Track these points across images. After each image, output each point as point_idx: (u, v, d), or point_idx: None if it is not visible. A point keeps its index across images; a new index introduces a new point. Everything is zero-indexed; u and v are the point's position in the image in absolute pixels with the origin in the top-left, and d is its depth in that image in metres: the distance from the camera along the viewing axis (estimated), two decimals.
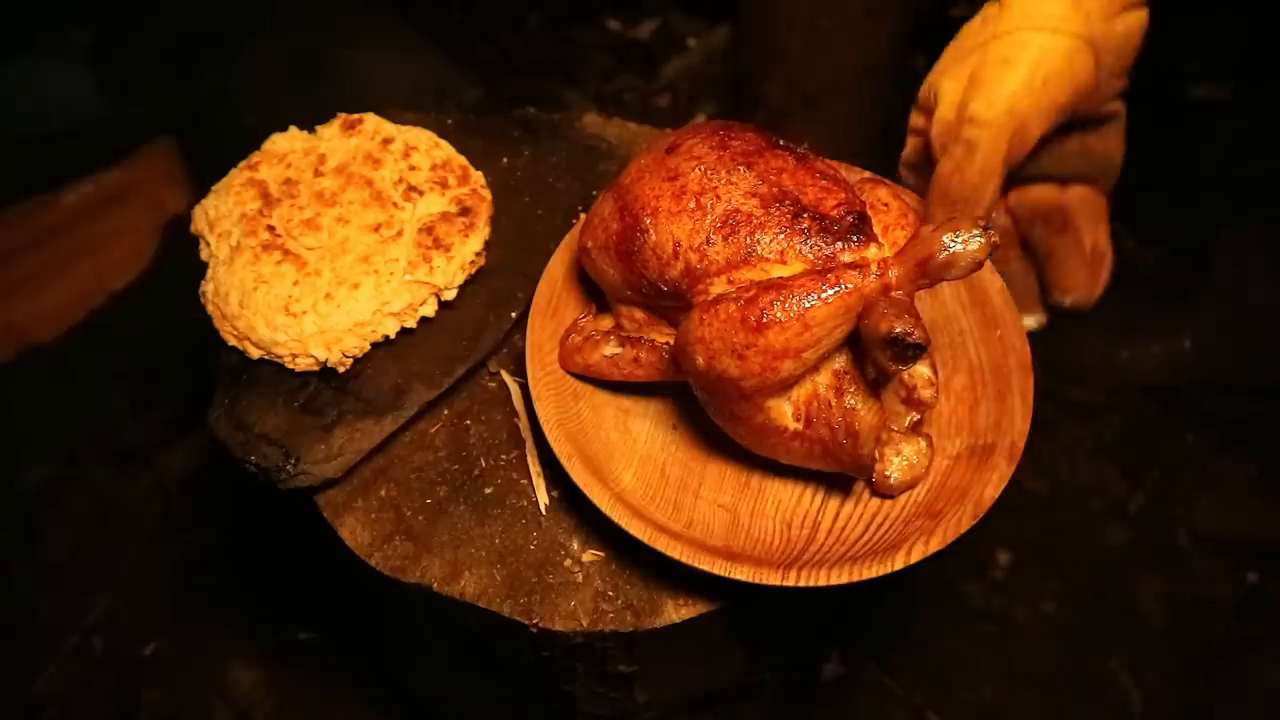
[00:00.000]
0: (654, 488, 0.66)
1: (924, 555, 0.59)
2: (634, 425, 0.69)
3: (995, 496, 0.62)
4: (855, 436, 0.59)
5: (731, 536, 0.64)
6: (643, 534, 0.61)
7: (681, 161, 0.61)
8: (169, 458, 1.43)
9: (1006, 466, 0.63)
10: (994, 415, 0.66)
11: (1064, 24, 0.67)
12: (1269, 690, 1.23)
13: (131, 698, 1.23)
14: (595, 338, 0.68)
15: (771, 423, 0.60)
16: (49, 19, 1.70)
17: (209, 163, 0.86)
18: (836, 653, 1.26)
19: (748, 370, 0.57)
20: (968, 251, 0.54)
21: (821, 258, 0.57)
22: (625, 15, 2.03)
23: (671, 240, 0.60)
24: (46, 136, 1.65)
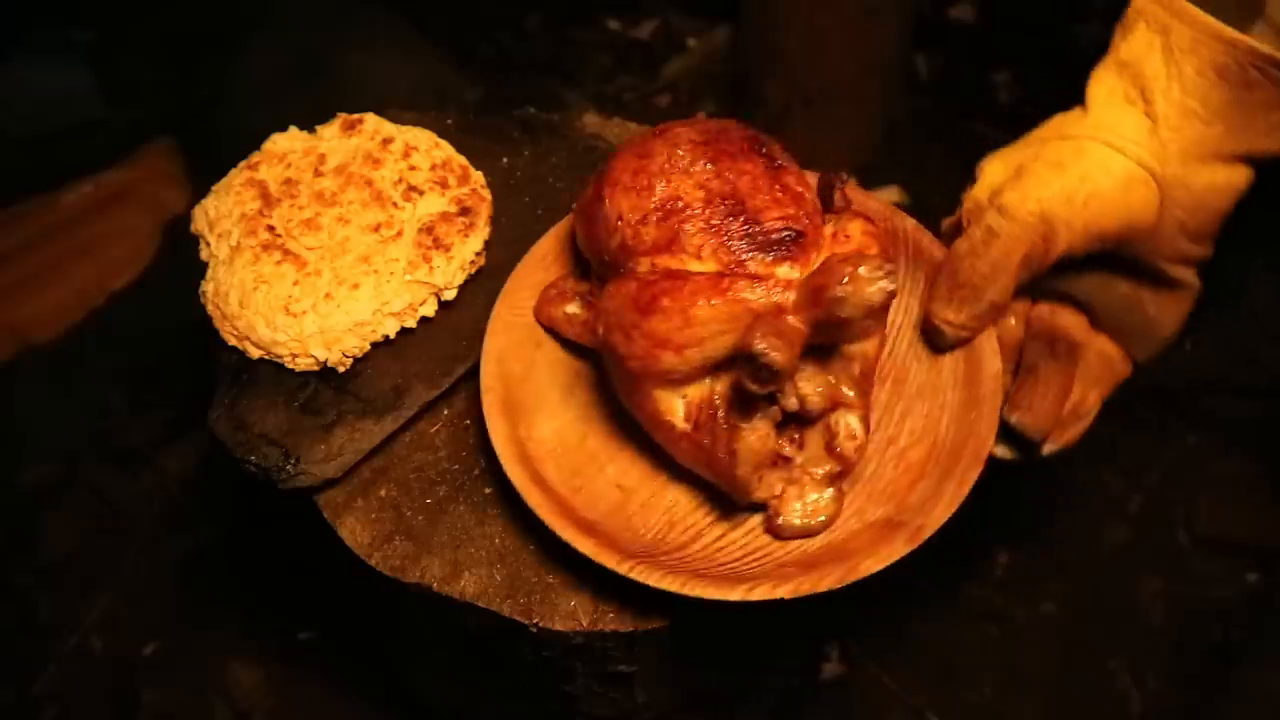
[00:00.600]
0: (567, 448, 0.67)
1: (762, 598, 0.57)
2: (579, 390, 0.71)
3: (872, 571, 0.58)
4: (733, 455, 0.59)
5: (610, 517, 0.64)
6: (518, 480, 0.62)
7: (659, 143, 0.62)
8: (169, 458, 1.42)
9: (901, 547, 0.59)
10: (925, 495, 0.62)
11: (1133, 148, 0.60)
12: (1269, 690, 1.23)
13: (131, 698, 1.23)
14: (567, 294, 0.70)
15: (661, 415, 0.60)
16: (49, 19, 1.70)
17: (209, 163, 0.86)
18: (836, 653, 1.26)
19: (631, 351, 0.58)
20: (861, 292, 0.52)
21: (732, 262, 0.57)
22: (625, 15, 2.03)
23: (617, 212, 0.61)
24: (46, 136, 1.65)
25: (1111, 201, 0.60)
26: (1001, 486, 0.72)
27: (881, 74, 1.71)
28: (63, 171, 1.65)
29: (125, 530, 1.37)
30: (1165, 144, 0.60)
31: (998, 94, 1.91)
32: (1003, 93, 1.91)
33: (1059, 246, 0.62)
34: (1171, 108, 0.60)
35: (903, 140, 1.80)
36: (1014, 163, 0.65)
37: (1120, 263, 0.66)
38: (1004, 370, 0.66)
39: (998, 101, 1.90)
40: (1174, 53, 0.59)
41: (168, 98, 1.74)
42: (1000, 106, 1.89)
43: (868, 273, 0.52)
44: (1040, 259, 0.62)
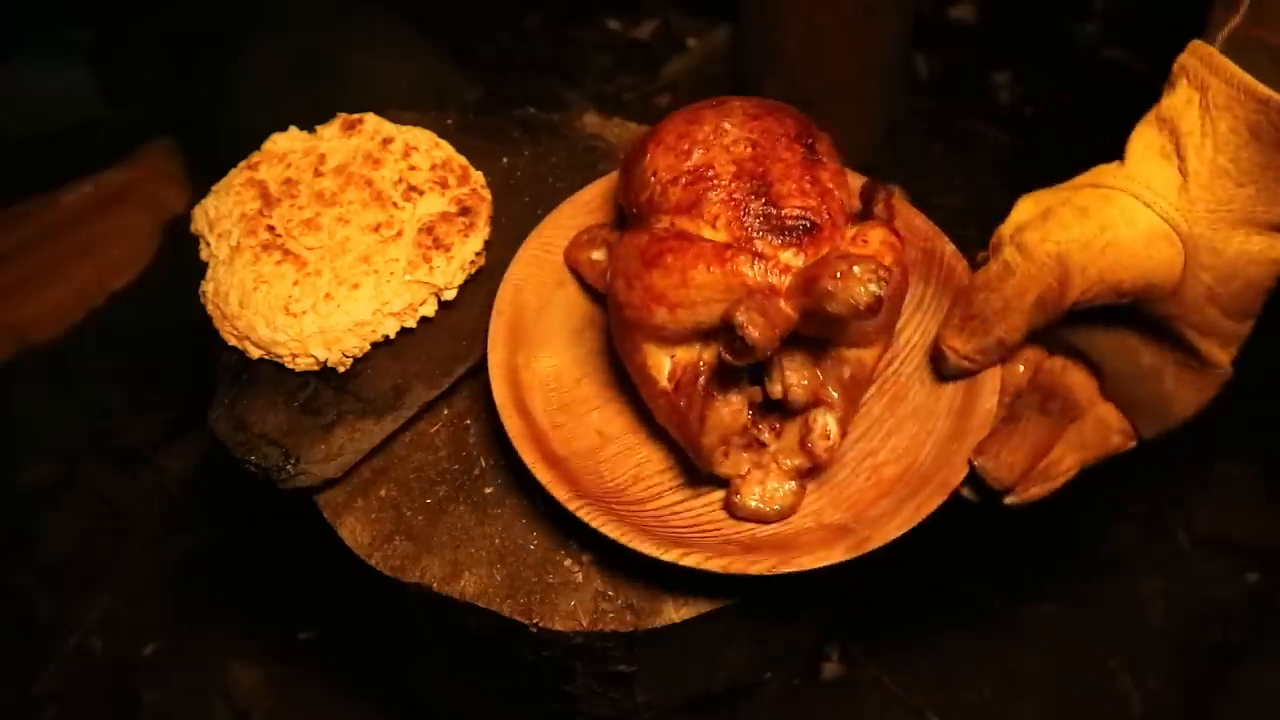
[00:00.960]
0: (559, 386, 0.70)
1: (692, 565, 0.59)
2: (589, 335, 0.73)
3: (804, 567, 0.59)
4: (702, 421, 0.61)
5: (581, 457, 0.67)
6: (500, 400, 0.64)
7: (710, 113, 0.64)
8: (169, 458, 1.43)
9: (841, 553, 0.59)
10: (884, 511, 0.62)
11: (1161, 202, 0.59)
12: (1269, 690, 1.23)
13: (131, 698, 1.23)
14: (597, 241, 0.72)
15: (647, 369, 0.62)
16: (49, 19, 1.70)
17: (209, 163, 0.86)
18: (836, 653, 1.26)
19: (630, 300, 0.60)
20: (850, 289, 0.53)
21: (742, 238, 0.59)
22: (625, 15, 2.03)
23: (653, 168, 0.63)
24: (46, 136, 1.64)
25: (1131, 253, 0.59)
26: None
27: (881, 74, 1.71)
28: (63, 171, 1.65)
29: (125, 530, 1.37)
30: (1194, 202, 0.58)
31: (998, 94, 1.91)
32: (1003, 93, 1.91)
33: (1073, 292, 0.61)
34: (1203, 165, 0.58)
35: (903, 140, 1.80)
36: (1044, 204, 0.64)
37: (1148, 330, 0.65)
38: (998, 411, 0.66)
39: (998, 101, 1.90)
40: (1210, 109, 0.58)
41: (168, 98, 1.74)
42: (1000, 106, 1.89)
43: (860, 273, 0.53)
44: (1054, 302, 0.61)
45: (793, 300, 0.56)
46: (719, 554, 0.59)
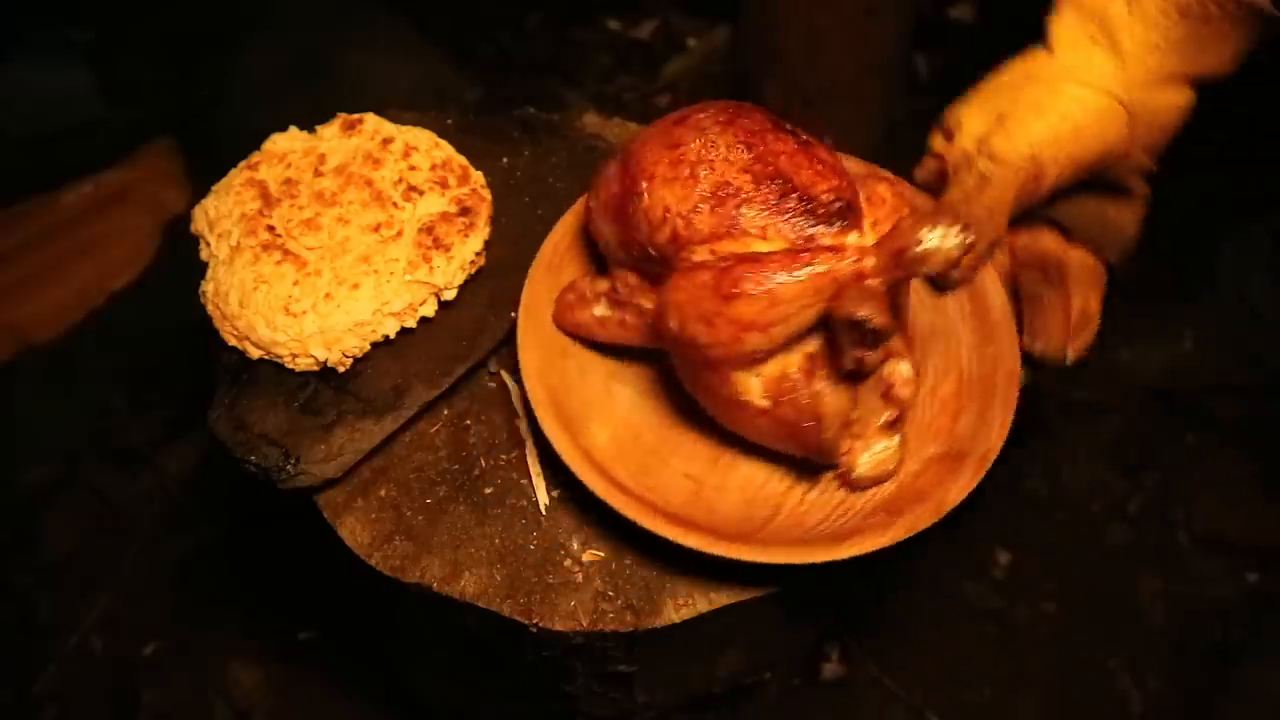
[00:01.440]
0: (625, 449, 0.67)
1: (874, 548, 0.60)
2: (617, 388, 0.71)
3: (957, 502, 0.62)
4: (819, 420, 0.61)
5: (692, 506, 0.65)
6: (598, 487, 0.62)
7: (685, 132, 0.62)
8: (169, 458, 1.43)
9: (973, 475, 0.63)
10: (973, 425, 0.66)
11: (1105, 82, 0.67)
12: (1269, 690, 1.23)
13: (131, 698, 1.23)
14: (589, 297, 0.70)
15: (738, 397, 0.61)
16: (49, 19, 1.70)
17: (209, 163, 0.86)
18: (836, 653, 1.26)
19: (715, 339, 0.58)
20: (943, 248, 0.55)
21: (801, 238, 0.58)
22: (625, 15, 2.03)
23: (662, 205, 0.61)
24: (46, 136, 1.65)
25: (1091, 135, 0.67)
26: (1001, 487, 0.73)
27: (881, 74, 1.71)
28: (63, 171, 1.65)
29: (125, 530, 1.37)
30: (1131, 76, 0.67)
31: None
32: None
33: (1048, 182, 0.68)
34: (1135, 43, 0.66)
35: (903, 140, 1.80)
36: (992, 110, 0.69)
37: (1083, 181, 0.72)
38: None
39: None
40: None
41: (168, 98, 1.74)
42: None
43: (945, 229, 0.55)
44: (1031, 196, 0.68)
45: (880, 277, 0.57)
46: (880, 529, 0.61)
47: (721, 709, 0.90)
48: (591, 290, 0.70)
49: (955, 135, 0.71)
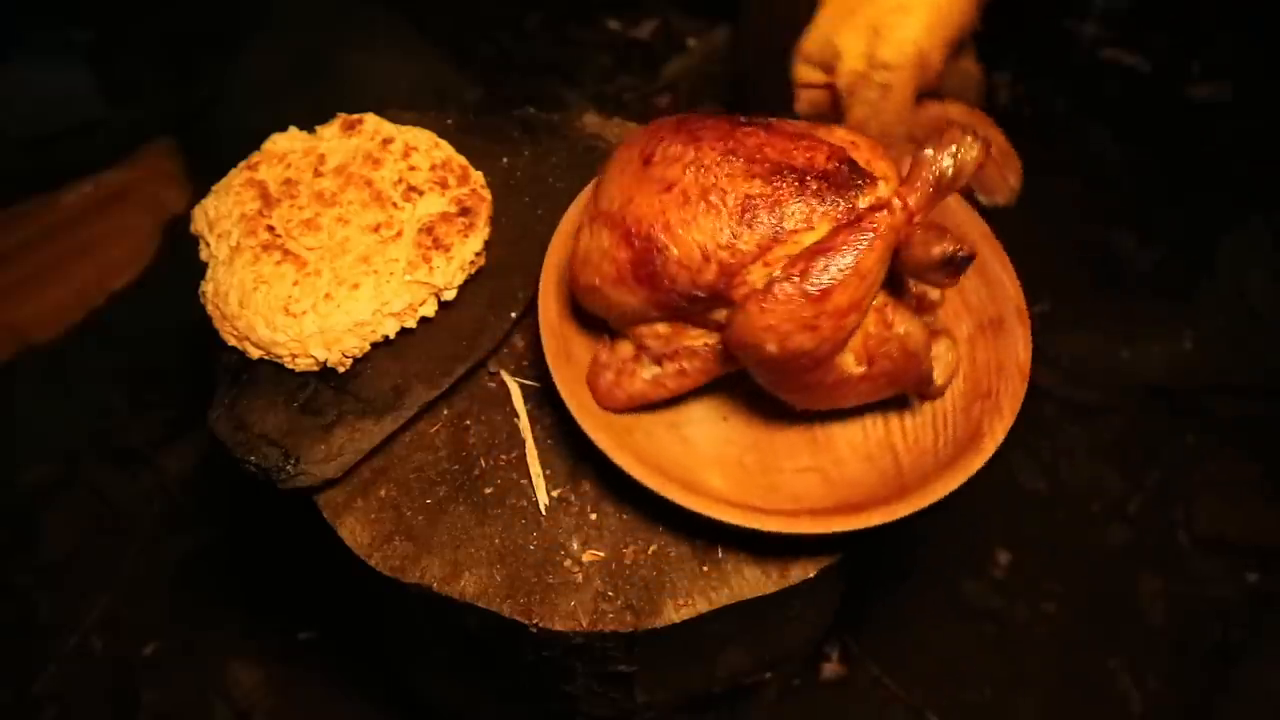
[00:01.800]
0: (742, 480, 0.67)
1: (1006, 430, 0.65)
2: (691, 434, 0.70)
3: (1030, 357, 0.68)
4: (915, 357, 0.63)
5: (832, 492, 0.66)
6: (786, 526, 0.61)
7: (668, 169, 0.61)
8: (169, 458, 1.42)
9: (1022, 328, 0.69)
10: (984, 291, 0.71)
11: None
12: (1269, 690, 1.23)
13: (131, 698, 1.23)
14: (628, 368, 0.67)
15: (841, 376, 0.62)
16: (49, 19, 1.70)
17: (209, 163, 0.86)
18: (836, 653, 1.26)
19: (822, 338, 0.58)
20: (970, 159, 0.58)
21: (844, 211, 0.58)
22: (625, 15, 2.03)
23: (697, 247, 0.59)
24: (46, 136, 1.65)
25: (954, 12, 0.73)
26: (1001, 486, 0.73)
27: None
28: (63, 171, 1.65)
29: (125, 530, 1.37)
30: None
31: (998, 94, 1.91)
32: (1003, 93, 1.91)
33: (936, 67, 0.74)
34: None
35: None
36: (861, 26, 0.73)
37: None
38: None
39: (998, 101, 1.90)
40: None
41: (168, 98, 1.74)
42: (1000, 106, 1.89)
43: (959, 141, 0.57)
44: (926, 85, 0.74)
45: (924, 210, 0.59)
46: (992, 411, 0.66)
47: (721, 709, 0.90)
48: (620, 360, 0.67)
49: (839, 61, 0.75)
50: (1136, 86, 1.91)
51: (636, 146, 0.63)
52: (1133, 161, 1.80)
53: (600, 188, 0.65)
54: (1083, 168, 1.79)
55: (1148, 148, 1.81)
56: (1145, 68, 1.93)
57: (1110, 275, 1.64)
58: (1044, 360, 1.49)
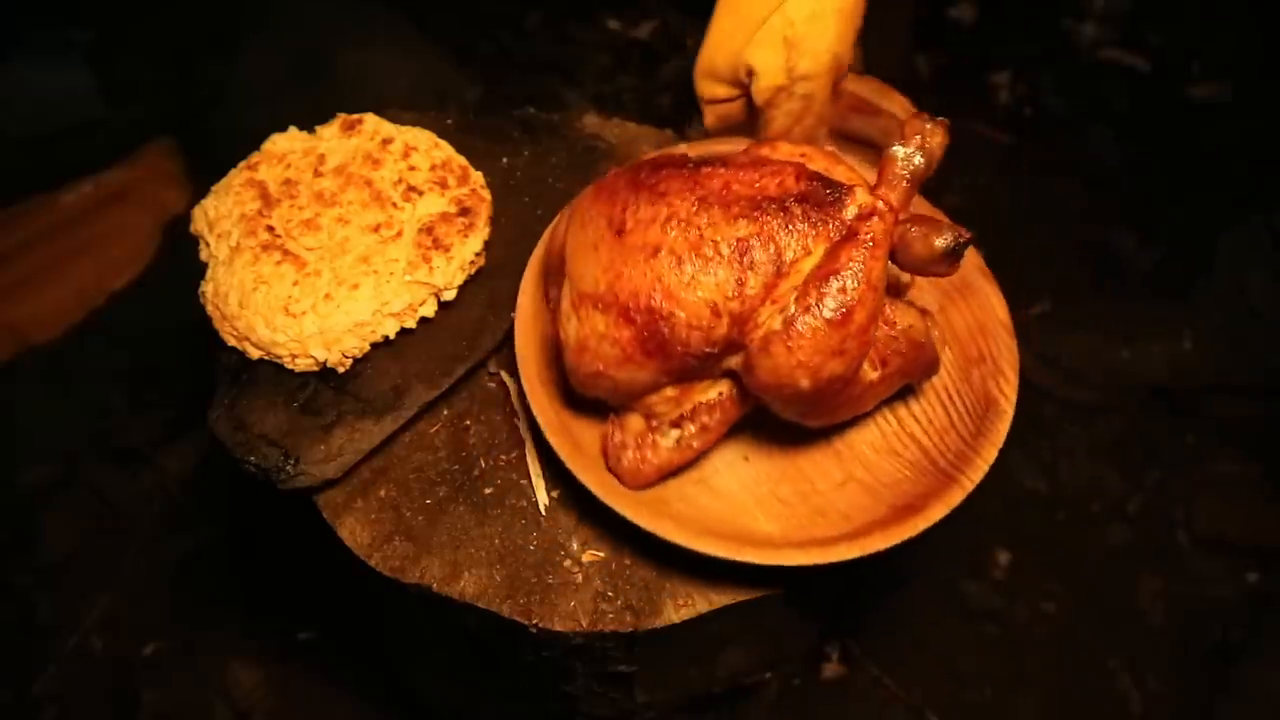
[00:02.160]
0: (788, 515, 0.67)
1: (1015, 389, 0.68)
2: (720, 485, 0.69)
3: (1007, 310, 0.72)
4: (922, 346, 0.64)
5: (878, 499, 0.67)
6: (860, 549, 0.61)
7: (646, 233, 0.59)
8: (169, 458, 1.42)
9: (989, 284, 0.72)
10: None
11: None
12: (1269, 690, 1.23)
13: (131, 698, 1.23)
14: (646, 440, 0.65)
15: (862, 386, 0.62)
16: (49, 19, 1.70)
17: (209, 163, 0.86)
18: (836, 653, 1.26)
19: (850, 360, 0.59)
20: (937, 144, 0.59)
21: (835, 228, 0.58)
22: (625, 15, 2.03)
23: (705, 305, 0.58)
24: (46, 136, 1.64)
25: (855, 10, 0.75)
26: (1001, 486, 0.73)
27: (881, 74, 1.71)
28: (63, 171, 1.65)
29: (125, 530, 1.37)
30: None
31: (998, 94, 1.91)
32: (1003, 93, 1.91)
33: (846, 64, 0.77)
34: None
35: None
36: (773, 42, 0.75)
37: None
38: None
39: (998, 101, 1.90)
40: None
41: (168, 98, 1.74)
42: (1000, 106, 1.89)
43: (920, 133, 0.59)
44: (841, 80, 0.78)
45: (905, 205, 0.60)
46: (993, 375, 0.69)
47: (721, 709, 0.90)
48: (635, 435, 0.65)
49: (756, 79, 0.76)
50: (1136, 86, 1.91)
51: (597, 219, 0.61)
52: (1133, 161, 1.80)
53: (575, 270, 0.62)
54: (1083, 168, 1.79)
55: (1148, 148, 1.81)
56: (1145, 68, 1.93)
57: (1110, 275, 1.64)
58: (1044, 360, 1.49)
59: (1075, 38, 1.99)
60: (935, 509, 0.63)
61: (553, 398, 0.68)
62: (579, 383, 0.63)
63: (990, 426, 0.67)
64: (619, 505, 0.62)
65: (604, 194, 0.62)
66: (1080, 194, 1.75)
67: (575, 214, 0.64)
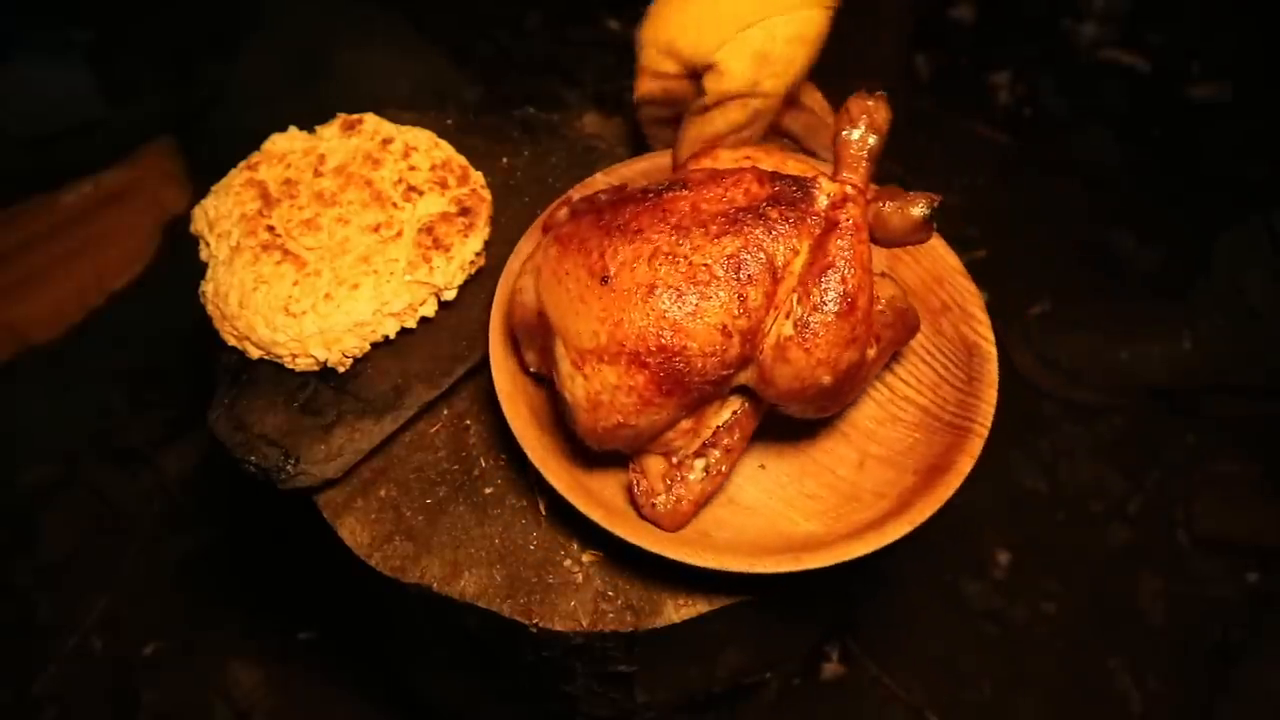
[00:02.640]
0: (823, 510, 0.67)
1: (989, 328, 0.71)
2: (747, 499, 0.68)
3: (954, 255, 0.74)
4: (905, 313, 0.65)
5: (902, 469, 0.68)
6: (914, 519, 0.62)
7: (634, 274, 0.58)
8: (169, 458, 1.43)
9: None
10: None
11: None
12: (1269, 690, 1.23)
13: (131, 698, 1.23)
14: (674, 477, 0.64)
15: (868, 364, 0.63)
16: (49, 19, 1.70)
17: (209, 163, 0.86)
18: (836, 653, 1.26)
19: (862, 345, 0.60)
20: (882, 118, 0.60)
21: (815, 222, 0.59)
22: (625, 15, 2.03)
23: (716, 329, 0.57)
24: (46, 136, 1.64)
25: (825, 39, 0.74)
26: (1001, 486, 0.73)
27: (881, 74, 1.71)
28: (63, 171, 1.65)
29: (125, 530, 1.37)
30: None
31: (998, 94, 1.91)
32: (1003, 93, 1.91)
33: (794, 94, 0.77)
34: None
35: (903, 140, 1.80)
36: (751, 52, 0.73)
37: None
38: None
39: (998, 101, 1.90)
40: None
41: (168, 98, 1.73)
42: (1000, 106, 1.89)
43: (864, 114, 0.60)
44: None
45: (867, 184, 0.60)
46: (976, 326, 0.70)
47: (721, 709, 0.90)
48: (660, 477, 0.64)
49: (718, 78, 0.73)
50: (1136, 86, 1.91)
51: (575, 272, 0.59)
52: (1132, 161, 1.80)
53: (568, 330, 0.59)
54: (1083, 168, 1.79)
55: (1148, 148, 1.81)
56: (1145, 68, 1.93)
57: (1110, 275, 1.64)
58: (1044, 361, 1.49)
59: (1075, 38, 1.99)
60: (962, 461, 0.64)
61: (564, 465, 0.65)
62: (597, 440, 0.62)
63: (979, 369, 0.69)
64: (675, 554, 0.61)
65: (572, 246, 0.60)
66: (1080, 194, 1.75)
67: (545, 273, 0.61)
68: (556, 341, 0.60)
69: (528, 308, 0.64)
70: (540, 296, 0.62)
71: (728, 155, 0.66)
